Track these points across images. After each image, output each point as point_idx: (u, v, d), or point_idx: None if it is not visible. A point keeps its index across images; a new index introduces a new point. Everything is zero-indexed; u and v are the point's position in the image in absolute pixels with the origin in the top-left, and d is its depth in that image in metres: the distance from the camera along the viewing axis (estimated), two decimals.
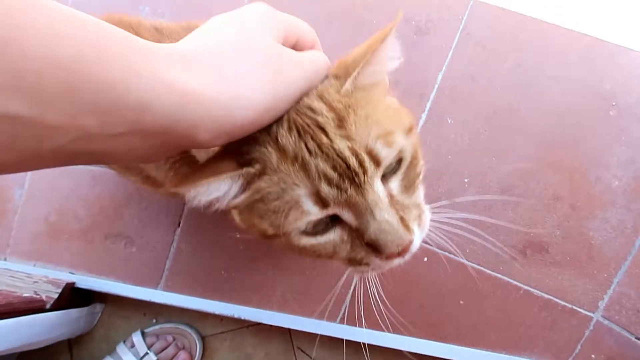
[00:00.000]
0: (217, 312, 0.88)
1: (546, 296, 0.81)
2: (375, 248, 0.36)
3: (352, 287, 0.86)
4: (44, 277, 0.92)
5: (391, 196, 0.36)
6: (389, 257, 0.36)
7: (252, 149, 0.35)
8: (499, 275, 0.82)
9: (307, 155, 0.34)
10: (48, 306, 0.88)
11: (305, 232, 0.36)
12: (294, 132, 0.34)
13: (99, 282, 0.93)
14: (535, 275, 0.81)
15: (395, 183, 0.37)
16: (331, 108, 0.34)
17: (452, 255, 0.83)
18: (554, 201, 0.83)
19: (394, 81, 0.41)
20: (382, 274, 0.42)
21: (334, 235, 0.37)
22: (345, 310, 0.86)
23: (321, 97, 0.35)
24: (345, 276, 0.45)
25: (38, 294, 0.88)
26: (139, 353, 0.90)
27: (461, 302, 0.82)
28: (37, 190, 0.99)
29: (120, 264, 0.94)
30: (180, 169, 0.52)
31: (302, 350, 0.92)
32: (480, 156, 0.86)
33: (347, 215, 0.36)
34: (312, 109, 0.34)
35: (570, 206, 0.82)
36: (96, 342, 0.99)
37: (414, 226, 0.37)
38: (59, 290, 0.90)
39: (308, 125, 0.34)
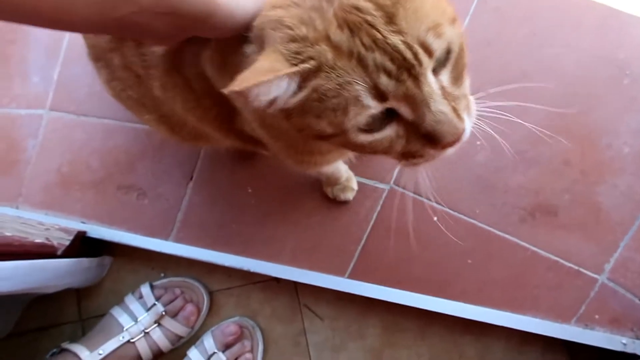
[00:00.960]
0: (226, 264, 0.89)
1: (553, 257, 0.82)
2: (431, 139, 0.38)
3: (362, 243, 0.87)
4: (55, 225, 0.93)
5: (443, 88, 0.38)
6: (444, 146, 0.38)
7: (303, 48, 0.36)
8: (507, 236, 0.83)
9: (363, 50, 0.34)
10: (59, 252, 0.89)
11: (363, 130, 0.38)
12: (346, 29, 0.35)
13: (110, 232, 0.94)
14: (542, 238, 0.83)
15: (445, 75, 0.38)
16: (378, 6, 0.35)
17: (461, 216, 0.84)
18: (564, 166, 0.84)
19: None
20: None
21: (390, 131, 0.39)
22: (353, 266, 0.87)
23: None
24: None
25: (50, 241, 0.90)
26: (146, 304, 0.91)
27: (469, 261, 0.83)
28: (51, 142, 1.00)
29: (131, 215, 0.95)
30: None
31: (308, 307, 0.93)
32: (493, 120, 0.87)
33: (404, 109, 0.37)
34: (358, 9, 0.35)
35: (581, 172, 0.83)
36: (104, 295, 1.00)
37: (465, 115, 0.39)
38: (71, 238, 0.91)
39: (359, 23, 0.35)
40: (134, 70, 0.60)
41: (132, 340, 0.87)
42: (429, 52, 0.35)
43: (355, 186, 0.86)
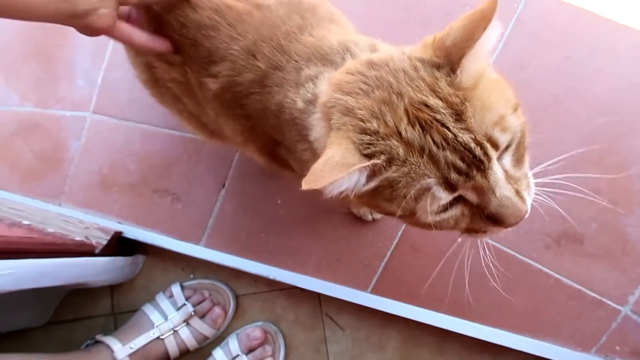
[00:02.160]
0: (253, 271, 0.92)
1: (576, 286, 0.82)
2: (495, 220, 0.40)
3: (386, 259, 0.89)
4: (94, 224, 0.98)
5: (506, 172, 0.40)
6: (507, 226, 0.41)
7: (374, 141, 0.38)
8: (531, 262, 0.84)
9: (434, 148, 0.37)
10: (97, 251, 0.95)
11: (431, 212, 0.40)
12: (417, 127, 0.37)
13: (145, 234, 0.99)
14: (567, 265, 0.83)
15: (507, 159, 0.41)
16: (448, 103, 0.37)
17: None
18: (594, 194, 0.84)
19: None
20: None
21: (456, 212, 0.41)
22: (376, 281, 0.89)
23: (435, 92, 0.38)
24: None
25: (88, 239, 0.95)
26: (177, 303, 0.96)
27: (491, 284, 0.84)
28: (93, 144, 1.05)
29: (165, 218, 0.99)
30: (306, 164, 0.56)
31: (329, 317, 0.96)
32: None
33: (470, 195, 0.40)
34: (428, 106, 0.37)
35: (610, 201, 0.83)
36: (136, 291, 1.05)
37: (526, 196, 0.42)
38: (108, 238, 0.96)
39: (430, 121, 0.37)
40: (190, 85, 0.63)
41: (161, 337, 0.91)
42: (495, 145, 0.38)
43: None
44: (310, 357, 0.96)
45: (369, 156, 0.38)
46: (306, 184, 0.36)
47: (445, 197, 0.38)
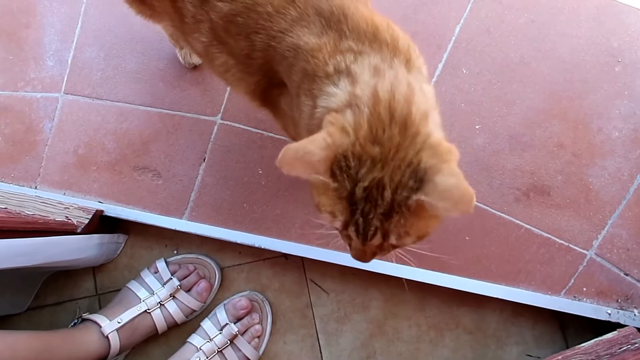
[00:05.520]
0: (238, 241, 0.94)
1: (545, 235, 0.88)
2: (349, 245, 0.53)
3: None
4: (74, 205, 0.98)
5: (382, 245, 0.50)
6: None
7: (342, 173, 0.45)
8: (503, 215, 0.89)
9: (358, 212, 0.46)
10: (79, 230, 0.94)
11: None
12: (366, 193, 0.46)
13: (127, 211, 0.98)
14: (536, 216, 0.88)
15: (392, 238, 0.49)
16: (392, 203, 0.45)
17: None
18: (558, 149, 0.89)
19: (414, 32, 0.47)
20: None
21: (339, 225, 0.50)
22: None
23: (395, 191, 0.45)
24: None
25: (69, 219, 0.94)
26: (162, 278, 0.96)
27: (467, 238, 0.89)
28: (67, 124, 1.04)
29: (147, 195, 0.99)
30: None
31: (314, 282, 0.99)
32: (491, 105, 0.92)
33: (352, 232, 0.49)
34: (382, 191, 0.45)
35: (573, 154, 0.89)
36: (119, 271, 1.05)
37: (375, 258, 0.54)
38: (89, 216, 0.95)
39: (373, 198, 0.45)
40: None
41: (148, 311, 0.92)
42: (384, 239, 0.48)
43: None
44: (297, 322, 0.98)
45: (332, 174, 0.45)
46: (280, 163, 0.43)
47: (338, 226, 0.49)
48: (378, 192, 0.45)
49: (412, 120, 0.46)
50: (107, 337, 0.86)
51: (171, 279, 0.95)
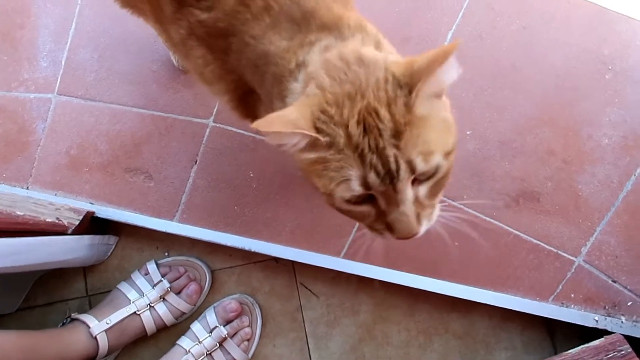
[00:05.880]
0: (229, 244, 0.94)
1: (534, 241, 0.88)
2: (390, 228, 0.46)
3: (357, 225, 0.92)
4: (65, 206, 0.98)
5: (417, 197, 0.46)
6: (398, 238, 0.47)
7: (327, 123, 0.43)
8: (493, 221, 0.89)
9: (366, 149, 0.42)
10: (70, 231, 0.94)
11: (346, 200, 0.46)
12: (361, 126, 0.43)
13: (118, 213, 0.99)
14: (525, 222, 0.88)
15: (424, 188, 0.46)
16: (394, 120, 0.42)
17: (450, 201, 0.90)
18: (548, 155, 0.89)
19: (406, 37, 0.48)
20: None
21: (364, 209, 0.47)
22: (348, 246, 0.92)
23: (389, 106, 0.43)
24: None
25: (60, 220, 0.94)
26: (152, 280, 0.96)
27: (456, 243, 0.89)
28: (59, 125, 1.04)
29: (138, 196, 1.00)
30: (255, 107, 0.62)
31: (304, 286, 0.99)
32: (482, 111, 0.92)
33: (381, 200, 0.45)
34: (377, 114, 0.43)
35: (563, 160, 0.89)
36: (110, 272, 1.05)
37: (424, 222, 0.48)
38: (80, 218, 0.95)
39: (372, 127, 0.42)
40: None
41: (137, 312, 0.92)
42: (412, 170, 0.43)
43: None
44: (287, 326, 0.98)
45: (317, 130, 0.43)
46: (256, 125, 0.40)
47: (358, 191, 0.44)
48: (373, 117, 0.42)
49: (367, 55, 0.46)
50: (95, 337, 0.86)
51: (161, 280, 0.96)
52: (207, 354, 0.90)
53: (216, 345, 0.91)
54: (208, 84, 0.66)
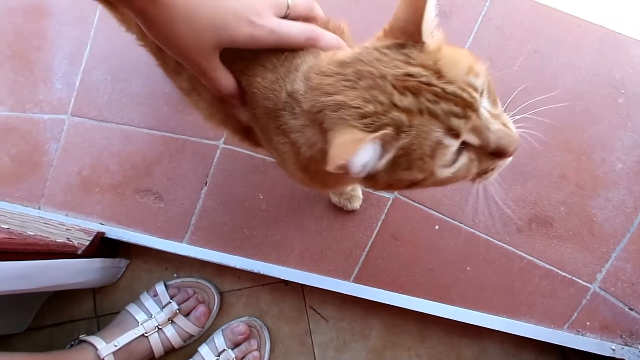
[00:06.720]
0: (238, 266, 0.94)
1: (547, 266, 0.87)
2: (498, 153, 0.45)
3: (367, 248, 0.92)
4: (76, 226, 0.98)
5: (489, 112, 0.45)
6: (510, 154, 0.45)
7: (377, 120, 0.41)
8: (505, 245, 0.88)
9: (430, 105, 0.41)
10: (79, 252, 0.94)
11: (446, 165, 0.44)
12: (409, 94, 0.42)
13: (127, 233, 0.99)
14: (538, 247, 0.87)
15: (485, 102, 0.46)
16: (425, 67, 0.42)
17: (461, 225, 0.89)
18: (561, 179, 0.88)
19: None
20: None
21: (465, 159, 0.45)
22: (358, 270, 0.91)
23: (411, 64, 0.42)
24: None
25: (70, 241, 0.95)
26: (161, 302, 0.96)
27: (468, 268, 0.88)
28: (72, 146, 1.05)
29: (148, 217, 1.00)
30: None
31: (313, 309, 0.98)
32: None
33: (472, 138, 0.44)
34: (411, 75, 0.42)
35: (576, 185, 0.88)
36: (119, 292, 1.05)
37: (512, 127, 0.47)
38: (90, 238, 0.96)
39: (417, 86, 0.41)
40: None
41: (146, 335, 0.91)
42: (475, 89, 0.42)
43: (360, 195, 0.91)
44: (295, 349, 0.97)
45: (376, 131, 0.40)
46: (332, 162, 0.38)
47: (453, 143, 0.42)
48: (409, 80, 0.41)
49: (345, 54, 0.46)
50: (103, 359, 0.86)
51: (170, 302, 0.95)
52: None
53: None
54: (216, 127, 0.66)
